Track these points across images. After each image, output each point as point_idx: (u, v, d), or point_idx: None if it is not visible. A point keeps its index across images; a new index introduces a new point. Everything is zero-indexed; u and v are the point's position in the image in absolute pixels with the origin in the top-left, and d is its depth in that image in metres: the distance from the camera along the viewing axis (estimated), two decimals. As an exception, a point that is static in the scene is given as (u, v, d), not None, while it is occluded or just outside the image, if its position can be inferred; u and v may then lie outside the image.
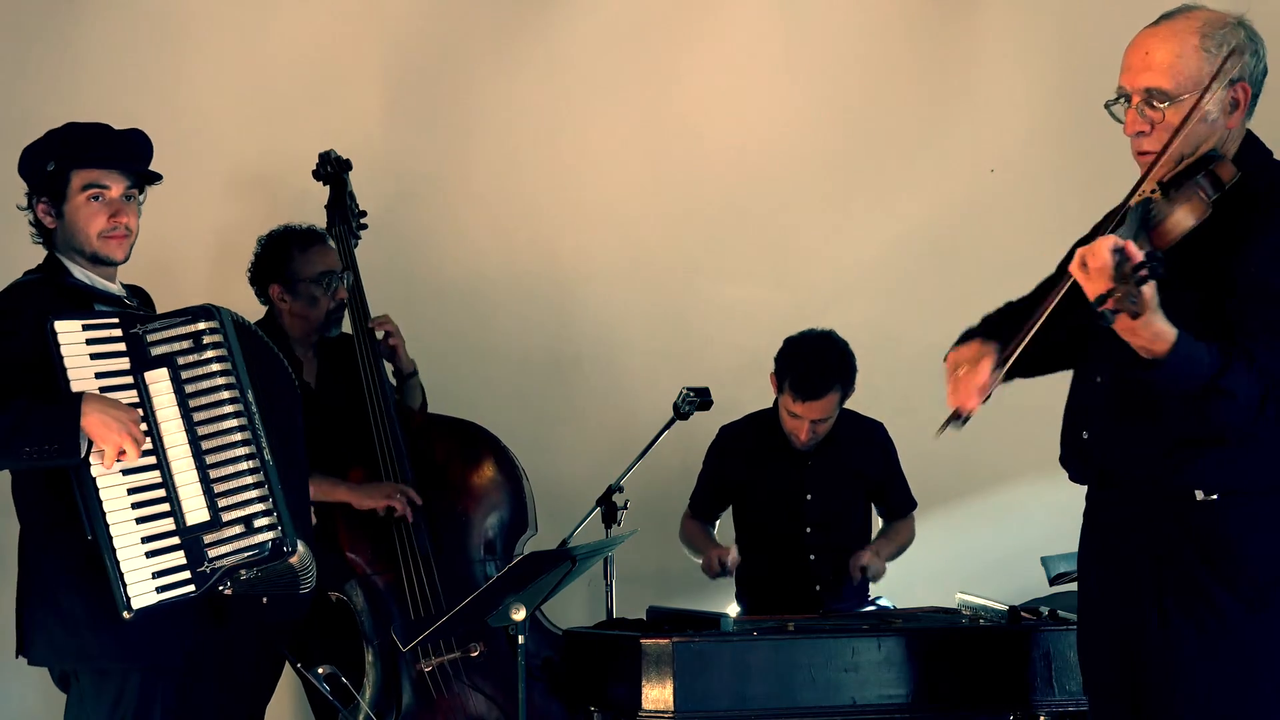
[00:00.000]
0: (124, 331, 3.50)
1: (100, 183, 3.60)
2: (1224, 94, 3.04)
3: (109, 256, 3.63)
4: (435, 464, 4.64)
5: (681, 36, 5.52)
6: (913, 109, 5.59)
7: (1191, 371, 2.91)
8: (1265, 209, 3.01)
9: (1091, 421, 3.20)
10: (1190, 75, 3.03)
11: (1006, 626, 4.07)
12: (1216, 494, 3.05)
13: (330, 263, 4.64)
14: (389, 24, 5.36)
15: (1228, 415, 2.95)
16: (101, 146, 3.63)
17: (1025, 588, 4.72)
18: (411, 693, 4.42)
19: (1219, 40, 3.04)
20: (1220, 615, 3.03)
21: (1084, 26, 5.53)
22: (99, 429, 3.35)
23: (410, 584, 4.48)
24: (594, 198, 5.47)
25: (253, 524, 3.48)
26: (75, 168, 3.59)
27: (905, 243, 5.56)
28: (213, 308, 3.58)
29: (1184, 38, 3.05)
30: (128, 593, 3.37)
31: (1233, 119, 3.08)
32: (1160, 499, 3.09)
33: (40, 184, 3.61)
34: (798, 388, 4.65)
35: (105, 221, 3.60)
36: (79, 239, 3.60)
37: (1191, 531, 3.06)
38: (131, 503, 3.43)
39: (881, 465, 4.93)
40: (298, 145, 4.94)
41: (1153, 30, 3.10)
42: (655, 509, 5.02)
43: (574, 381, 5.45)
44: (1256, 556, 3.03)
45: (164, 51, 5.16)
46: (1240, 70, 3.05)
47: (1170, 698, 3.08)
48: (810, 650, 3.90)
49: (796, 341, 4.73)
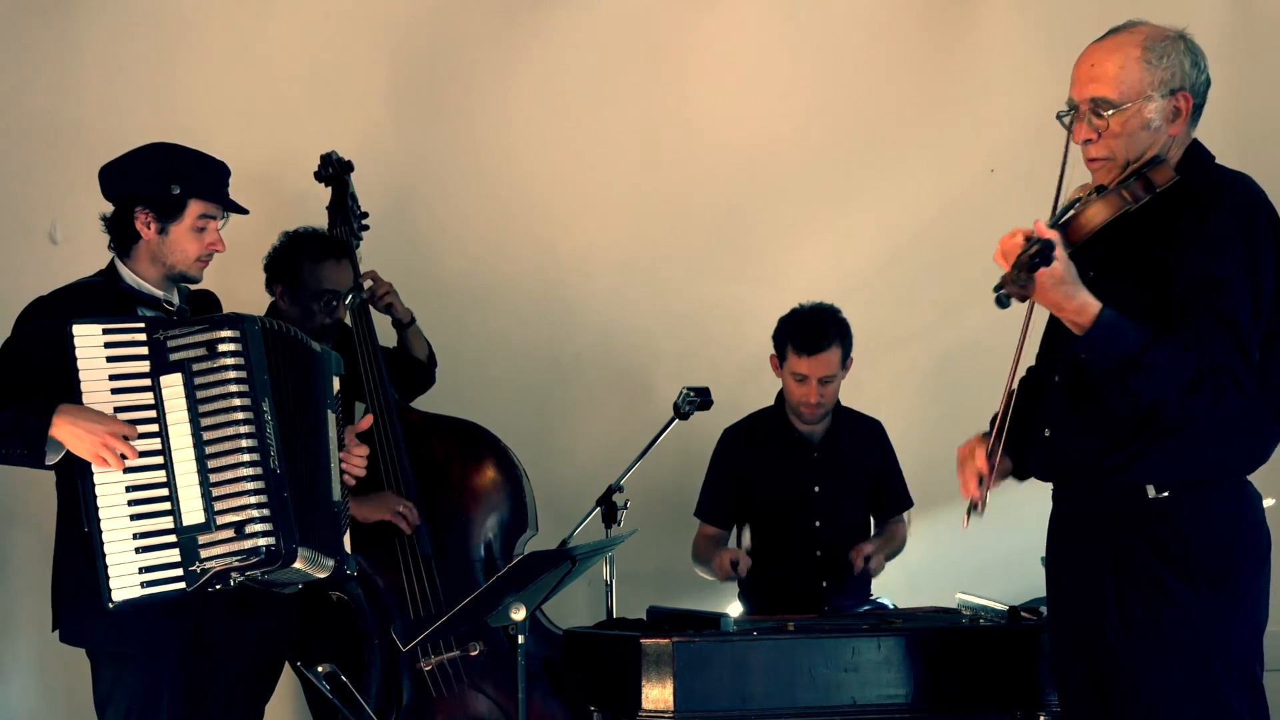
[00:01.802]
0: (148, 336, 3.64)
1: (212, 214, 3.85)
2: (1165, 103, 3.20)
3: (196, 277, 3.88)
4: (435, 463, 4.64)
5: (682, 36, 5.52)
6: (913, 109, 5.59)
7: (1117, 343, 3.06)
8: (1204, 203, 3.14)
9: (1051, 419, 3.34)
10: (1133, 84, 3.20)
11: (1006, 626, 4.08)
12: (1168, 490, 3.16)
13: (337, 282, 4.62)
14: (390, 25, 5.36)
15: (1151, 389, 3.07)
16: (219, 182, 3.90)
17: (1025, 588, 4.72)
18: (412, 691, 4.43)
19: (1160, 52, 3.21)
20: (1178, 608, 3.13)
21: (1084, 27, 5.47)
22: (69, 439, 3.52)
23: (411, 583, 4.48)
24: (595, 198, 5.47)
25: (244, 529, 3.56)
26: (196, 197, 3.82)
27: (905, 243, 5.57)
28: (238, 316, 3.71)
29: (1127, 50, 3.22)
30: (110, 585, 3.51)
31: (1175, 127, 3.22)
32: (1114, 496, 3.21)
33: (155, 200, 3.79)
34: (800, 344, 4.70)
35: (204, 248, 3.84)
36: (174, 258, 3.81)
37: (1146, 528, 3.17)
38: (128, 500, 3.55)
39: (881, 461, 4.95)
40: (299, 146, 4.94)
41: (1098, 44, 3.30)
42: (655, 509, 5.02)
43: (574, 381, 5.45)
44: (1209, 547, 3.15)
45: (165, 52, 5.16)
46: (1181, 80, 3.21)
47: (1134, 692, 3.16)
48: (810, 650, 3.91)
49: (790, 311, 4.81)
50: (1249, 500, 3.24)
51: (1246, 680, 3.17)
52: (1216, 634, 3.14)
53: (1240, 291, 3.09)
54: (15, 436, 3.54)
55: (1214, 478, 3.18)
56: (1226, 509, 3.19)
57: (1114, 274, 3.19)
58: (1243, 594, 3.16)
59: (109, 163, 3.87)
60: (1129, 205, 3.16)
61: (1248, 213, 3.14)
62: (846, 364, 4.77)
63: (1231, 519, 3.19)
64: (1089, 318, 3.06)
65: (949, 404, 5.52)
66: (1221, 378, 3.06)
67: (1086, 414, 3.23)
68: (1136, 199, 3.16)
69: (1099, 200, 3.18)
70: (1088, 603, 3.23)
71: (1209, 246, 3.11)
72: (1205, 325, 3.07)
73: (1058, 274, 3.03)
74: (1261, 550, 3.22)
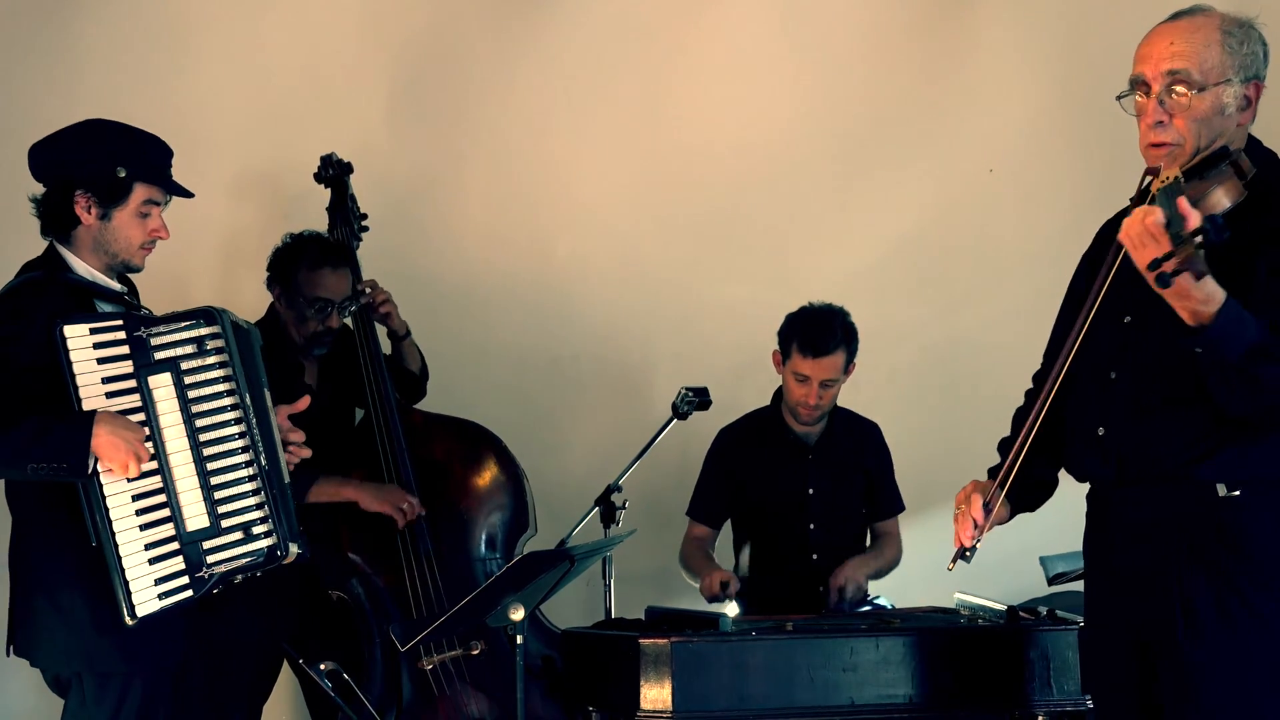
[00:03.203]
0: (127, 334, 3.50)
1: (157, 199, 3.68)
2: (1241, 89, 3.07)
3: (138, 266, 3.71)
4: (436, 463, 4.65)
5: (678, 38, 5.52)
6: (911, 109, 5.60)
7: (1239, 334, 2.87)
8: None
9: (1109, 418, 3.18)
10: (1215, 65, 3.05)
11: (1005, 626, 4.07)
12: (1239, 489, 3.02)
13: (332, 290, 4.61)
14: (389, 29, 5.37)
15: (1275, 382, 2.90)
16: (163, 165, 3.70)
17: (1024, 588, 4.73)
18: (412, 690, 4.43)
19: (1240, 36, 3.07)
20: (1254, 612, 3.00)
21: (1084, 27, 5.54)
22: (108, 449, 3.38)
23: (412, 583, 4.49)
24: (593, 199, 5.48)
25: (251, 531, 3.50)
26: (143, 181, 3.64)
27: (904, 242, 5.57)
28: (214, 310, 3.58)
29: (1207, 31, 3.07)
30: (132, 600, 3.40)
31: (1244, 116, 3.10)
32: (1183, 494, 3.07)
33: (97, 184, 3.62)
34: (806, 345, 4.67)
35: (147, 234, 3.67)
36: (117, 245, 3.65)
37: (1218, 527, 3.03)
38: (136, 509, 3.44)
39: (875, 463, 4.93)
40: (299, 148, 4.95)
41: (1172, 24, 3.11)
42: (654, 509, 5.03)
43: (572, 382, 5.46)
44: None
45: (165, 54, 5.17)
46: (1256, 68, 3.09)
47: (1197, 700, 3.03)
48: (809, 650, 3.91)
49: (799, 309, 4.78)
50: None
51: None
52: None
53: None
54: (54, 449, 3.36)
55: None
56: None
57: None
58: None
59: (40, 140, 3.67)
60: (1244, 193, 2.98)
61: None
62: (849, 368, 4.75)
63: None
64: (1215, 306, 2.84)
65: (946, 403, 5.53)
66: None
67: (1153, 411, 3.07)
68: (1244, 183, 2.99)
69: (1216, 183, 2.97)
70: (1148, 606, 3.10)
71: None
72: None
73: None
74: None
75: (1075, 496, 3.38)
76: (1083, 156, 5.42)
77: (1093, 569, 3.30)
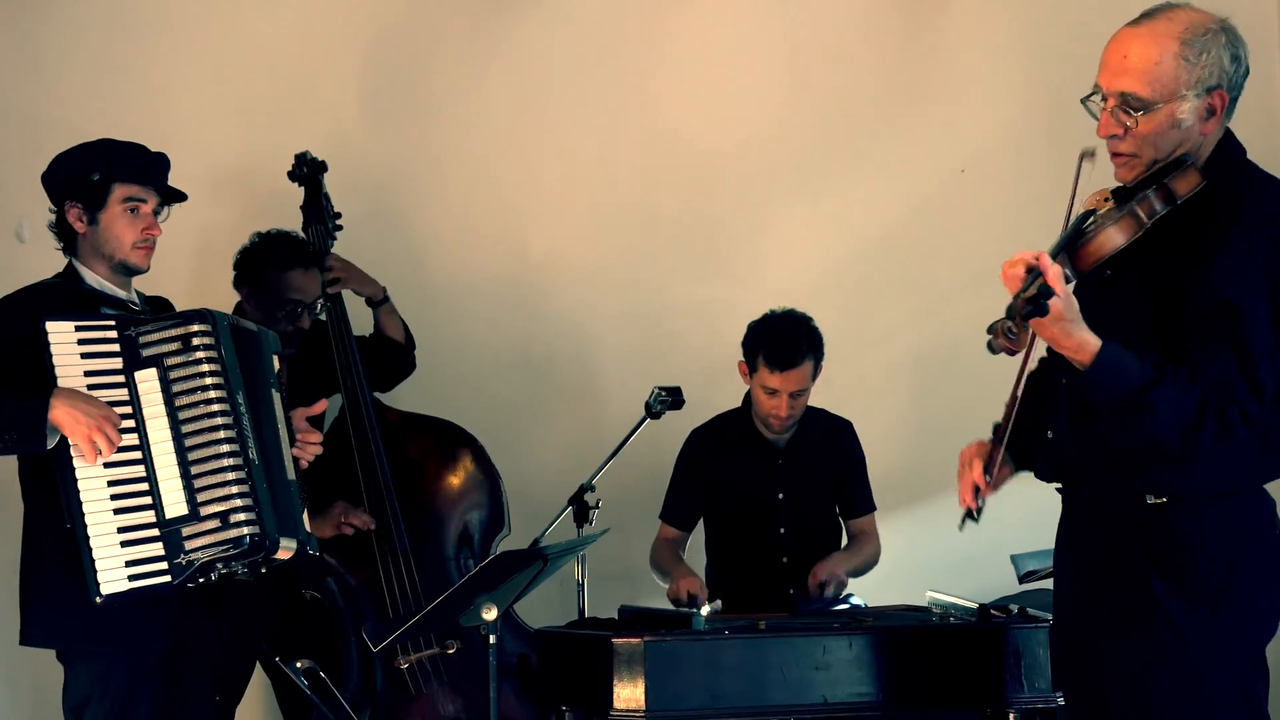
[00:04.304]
0: (119, 333, 3.64)
1: (139, 196, 3.82)
2: (1199, 102, 3.02)
3: (136, 265, 3.84)
4: (411, 462, 4.65)
5: (652, 37, 5.53)
6: (883, 109, 5.61)
7: (1116, 383, 2.93)
8: (1223, 222, 2.98)
9: (1056, 422, 3.22)
10: (1167, 83, 3.00)
11: (976, 624, 4.09)
12: (1166, 498, 3.04)
13: (302, 291, 4.61)
14: (364, 26, 5.36)
15: (1150, 430, 2.96)
16: (142, 164, 3.84)
17: (995, 586, 4.75)
18: (388, 688, 4.43)
19: (1200, 47, 3.00)
20: (1170, 621, 3.03)
21: (1055, 27, 5.55)
22: (67, 421, 3.50)
23: (387, 582, 4.49)
24: (566, 197, 5.47)
25: (229, 519, 3.57)
26: (118, 181, 3.79)
27: (875, 242, 5.58)
28: (208, 312, 3.71)
29: (1164, 43, 3.00)
30: (98, 578, 3.51)
31: (1208, 125, 3.05)
32: (1114, 501, 3.11)
33: (79, 191, 3.79)
34: (773, 359, 4.65)
35: (139, 233, 3.81)
36: (110, 246, 3.81)
37: (1142, 535, 3.06)
38: (111, 494, 3.56)
39: (846, 462, 4.92)
40: (273, 146, 4.94)
41: (1134, 30, 3.06)
42: (627, 508, 5.03)
43: (545, 381, 5.46)
44: (1206, 561, 3.02)
45: (139, 51, 5.15)
46: (1218, 78, 3.02)
47: (1125, 698, 3.09)
48: (781, 649, 3.91)
49: (761, 320, 4.75)
50: (1259, 512, 3.08)
51: (1241, 694, 3.05)
52: (1208, 649, 3.01)
53: (1254, 317, 2.93)
54: (13, 420, 3.51)
55: (1214, 491, 3.03)
56: (1230, 521, 3.03)
57: (1133, 276, 3.05)
58: (1242, 609, 3.02)
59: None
60: (1145, 226, 2.98)
61: (1268, 229, 2.97)
62: (817, 374, 4.75)
63: (1235, 531, 3.03)
64: (1088, 355, 2.91)
65: (920, 403, 5.54)
66: (1230, 412, 2.93)
67: (1089, 425, 3.10)
68: (1153, 215, 2.98)
69: (1114, 224, 2.98)
70: (1082, 606, 3.16)
71: (1224, 265, 2.94)
72: (1214, 354, 2.92)
73: (1057, 312, 2.87)
74: (1269, 563, 3.06)
75: (1044, 495, 3.40)
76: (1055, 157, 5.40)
77: (1054, 567, 3.35)
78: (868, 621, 4.19)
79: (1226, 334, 2.93)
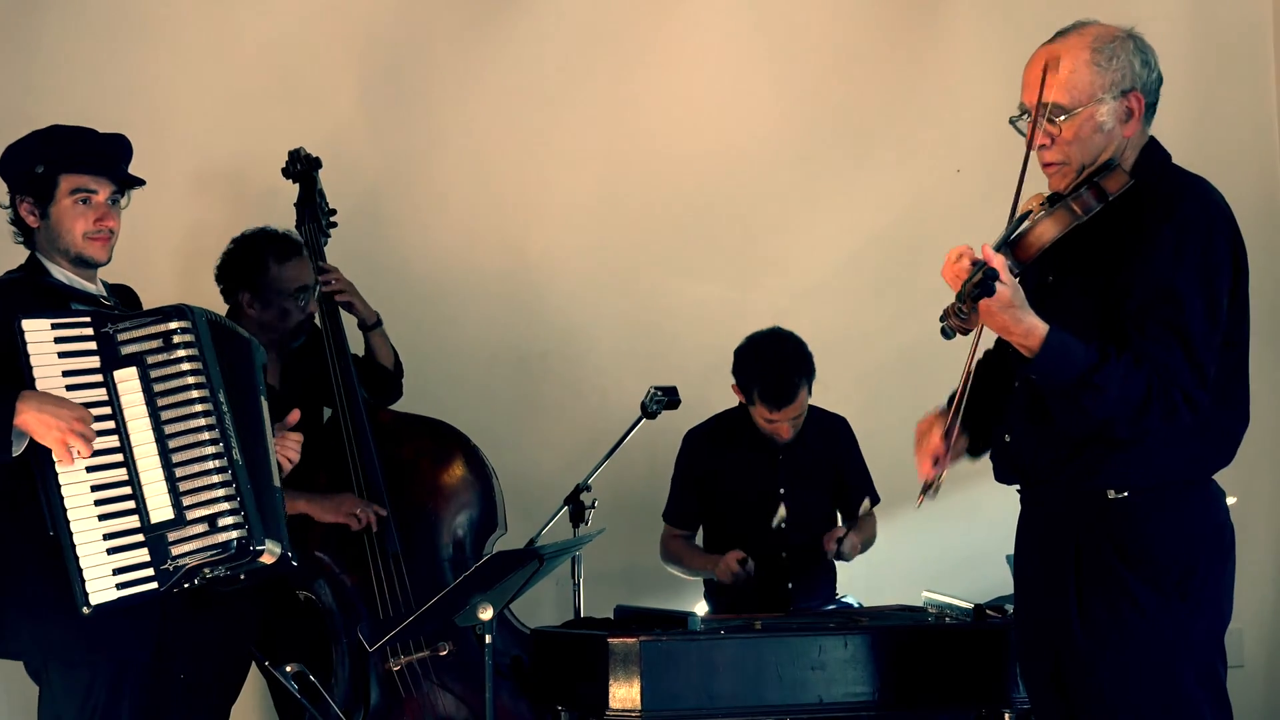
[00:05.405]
0: (95, 331, 3.51)
1: (88, 187, 3.66)
2: (1117, 104, 3.18)
3: (92, 258, 3.68)
4: (404, 462, 4.63)
5: (649, 37, 5.52)
6: (880, 109, 5.61)
7: (1064, 365, 3.04)
8: (1159, 211, 3.12)
9: (1012, 425, 3.33)
10: (1083, 88, 3.17)
11: (972, 624, 4.10)
12: (1127, 491, 3.15)
13: (306, 276, 4.60)
14: (358, 23, 5.35)
15: (1102, 410, 3.05)
16: (89, 151, 3.69)
17: (990, 586, 4.74)
18: (380, 691, 4.42)
19: (1109, 53, 3.18)
20: (1139, 608, 3.13)
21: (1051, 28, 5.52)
22: (36, 426, 3.36)
23: (379, 583, 4.48)
24: (562, 196, 5.47)
25: (217, 523, 3.46)
26: (64, 172, 3.65)
27: (872, 242, 5.58)
28: (186, 308, 3.58)
29: (1076, 53, 3.18)
30: (86, 589, 3.38)
31: (1128, 128, 3.20)
32: (1076, 498, 3.20)
33: (26, 184, 3.67)
34: (769, 398, 4.68)
35: (90, 224, 3.66)
36: (64, 240, 3.66)
37: (1107, 528, 3.16)
38: (95, 500, 3.43)
39: (844, 457, 4.94)
40: (267, 143, 4.93)
41: (1047, 49, 3.25)
42: (623, 508, 5.03)
43: (541, 380, 5.45)
44: (1171, 548, 3.14)
45: (133, 48, 5.14)
46: (1131, 80, 3.18)
47: (1094, 690, 3.17)
48: (777, 649, 3.92)
49: (750, 351, 4.75)
50: (1211, 500, 3.22)
51: (1208, 678, 3.17)
52: (1178, 634, 3.13)
53: (1194, 303, 3.07)
54: None
55: (1173, 480, 3.16)
56: (1187, 510, 3.17)
57: (1073, 277, 3.19)
58: (1204, 594, 3.14)
59: None
60: (1080, 219, 3.13)
61: (1202, 219, 3.11)
62: (811, 390, 4.75)
63: (1192, 520, 3.17)
64: (1037, 341, 3.03)
65: (915, 401, 5.48)
66: (1173, 394, 3.05)
67: (1044, 423, 3.20)
68: (1088, 210, 3.14)
69: (1049, 217, 3.14)
70: (1050, 602, 3.23)
71: (1163, 257, 3.08)
72: (1158, 340, 3.05)
73: (1004, 298, 2.99)
74: (1224, 549, 3.21)
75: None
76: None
77: (1014, 566, 3.44)
78: (863, 621, 4.19)
79: (1168, 320, 3.07)
